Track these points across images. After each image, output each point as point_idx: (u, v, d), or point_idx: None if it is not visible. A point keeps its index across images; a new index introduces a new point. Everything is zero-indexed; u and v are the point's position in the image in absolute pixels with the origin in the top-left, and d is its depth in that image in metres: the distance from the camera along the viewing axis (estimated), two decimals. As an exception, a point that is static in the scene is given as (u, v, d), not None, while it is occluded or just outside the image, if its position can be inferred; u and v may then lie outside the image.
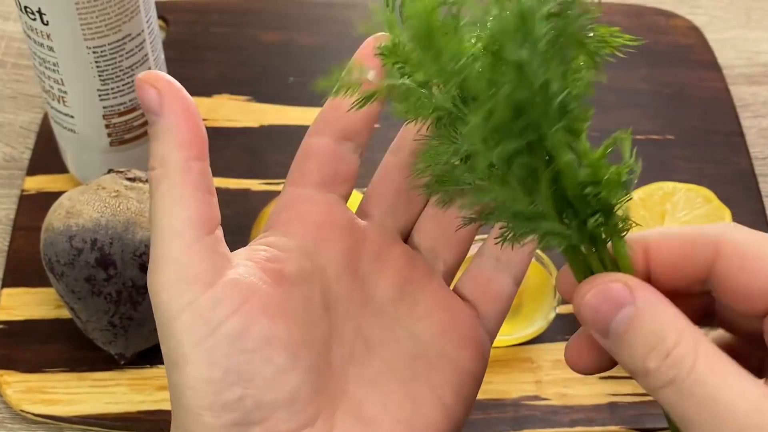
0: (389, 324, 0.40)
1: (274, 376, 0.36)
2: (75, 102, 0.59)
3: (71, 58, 0.57)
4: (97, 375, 0.57)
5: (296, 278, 0.38)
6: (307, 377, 0.37)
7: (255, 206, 0.65)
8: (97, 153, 0.62)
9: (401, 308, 0.41)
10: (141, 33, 0.58)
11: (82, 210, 0.54)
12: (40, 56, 0.58)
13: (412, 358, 0.40)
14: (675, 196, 0.59)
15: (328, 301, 0.39)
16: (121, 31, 0.57)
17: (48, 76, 0.58)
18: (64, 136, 0.63)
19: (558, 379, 0.58)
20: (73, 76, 0.58)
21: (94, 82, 0.58)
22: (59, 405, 0.56)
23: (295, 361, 0.37)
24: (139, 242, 0.53)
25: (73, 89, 0.59)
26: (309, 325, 0.38)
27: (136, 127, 0.62)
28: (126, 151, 0.62)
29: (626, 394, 0.57)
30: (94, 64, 0.57)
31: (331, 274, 0.39)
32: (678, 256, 0.35)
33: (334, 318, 0.39)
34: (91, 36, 0.56)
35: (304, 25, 0.78)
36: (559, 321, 0.60)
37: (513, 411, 0.57)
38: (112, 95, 0.59)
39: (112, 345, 0.56)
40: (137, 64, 0.59)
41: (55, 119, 0.62)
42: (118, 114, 0.60)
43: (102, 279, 0.53)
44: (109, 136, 0.61)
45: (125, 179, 0.56)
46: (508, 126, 0.32)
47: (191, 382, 0.35)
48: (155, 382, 0.57)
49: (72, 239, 0.53)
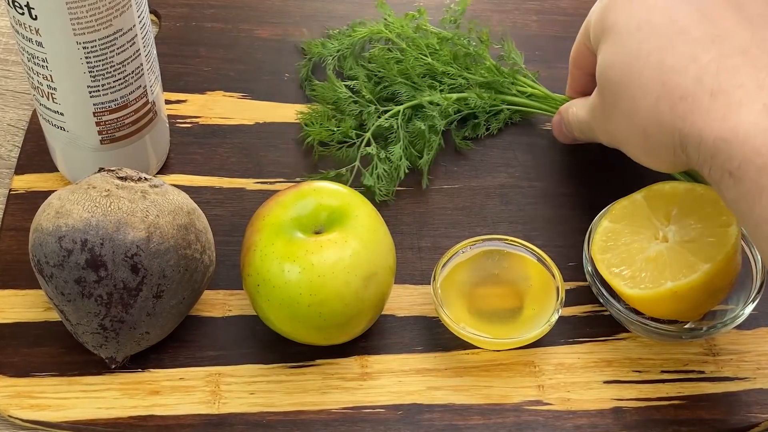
0: None
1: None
2: (64, 99, 0.59)
3: (60, 54, 0.57)
4: (88, 379, 0.57)
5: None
6: None
7: (250, 206, 0.65)
8: (87, 151, 0.62)
9: None
10: (132, 28, 0.58)
11: (71, 210, 0.54)
12: (28, 52, 0.58)
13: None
14: (680, 196, 0.59)
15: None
16: (112, 25, 0.57)
17: (37, 72, 0.58)
18: (53, 134, 0.63)
19: (561, 383, 0.58)
20: (63, 73, 0.58)
21: (84, 78, 0.58)
22: (48, 410, 0.56)
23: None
24: (131, 243, 0.53)
25: (63, 86, 0.58)
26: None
27: (127, 124, 0.61)
28: (117, 149, 0.62)
29: (631, 399, 0.57)
30: (84, 59, 0.57)
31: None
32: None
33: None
34: (81, 31, 0.56)
35: (300, 21, 0.78)
36: (562, 324, 0.60)
37: (514, 416, 0.57)
38: (103, 92, 0.59)
39: (102, 348, 0.56)
40: (129, 60, 0.59)
41: (44, 116, 0.61)
42: (108, 111, 0.60)
43: (92, 281, 0.53)
44: (99, 134, 0.61)
45: (116, 178, 0.56)
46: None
47: None
48: (147, 387, 0.57)
49: (61, 240, 0.53)
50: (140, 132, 0.63)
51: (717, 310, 0.59)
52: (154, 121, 0.63)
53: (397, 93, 0.69)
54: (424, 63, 0.70)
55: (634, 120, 0.56)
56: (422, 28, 0.72)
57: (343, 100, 0.69)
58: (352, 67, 0.72)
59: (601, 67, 0.58)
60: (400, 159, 0.66)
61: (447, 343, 0.59)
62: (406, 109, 0.68)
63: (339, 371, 0.58)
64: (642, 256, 0.58)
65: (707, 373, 0.59)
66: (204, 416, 0.56)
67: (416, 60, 0.70)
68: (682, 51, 0.53)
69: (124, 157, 0.63)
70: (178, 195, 0.57)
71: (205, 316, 0.60)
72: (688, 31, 0.53)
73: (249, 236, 0.56)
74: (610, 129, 0.59)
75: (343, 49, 0.73)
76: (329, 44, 0.73)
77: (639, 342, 0.60)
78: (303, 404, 0.57)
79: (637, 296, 0.57)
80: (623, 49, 0.56)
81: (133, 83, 0.60)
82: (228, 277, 0.62)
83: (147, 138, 0.63)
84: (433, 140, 0.67)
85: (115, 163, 0.58)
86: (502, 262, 0.61)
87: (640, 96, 0.54)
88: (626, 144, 0.58)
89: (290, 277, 0.53)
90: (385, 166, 0.66)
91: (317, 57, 0.73)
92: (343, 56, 0.73)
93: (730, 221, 0.57)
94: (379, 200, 0.65)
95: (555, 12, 0.79)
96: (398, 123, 0.67)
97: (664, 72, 0.53)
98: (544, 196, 0.67)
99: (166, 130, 0.66)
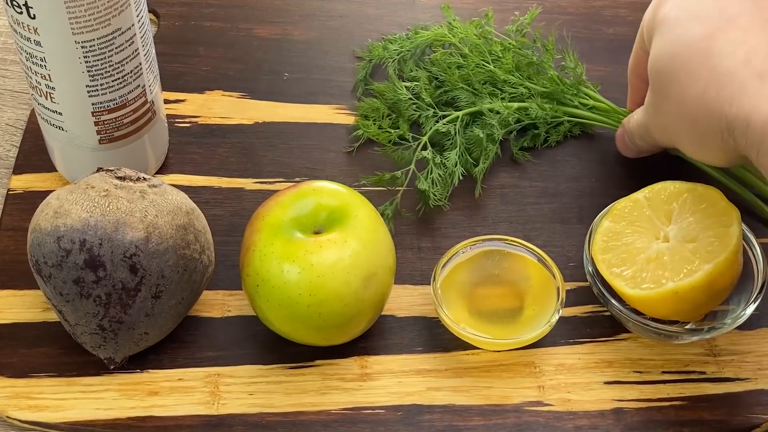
0: None
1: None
2: (63, 98, 0.59)
3: (59, 53, 0.57)
4: (86, 380, 0.57)
5: None
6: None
7: (249, 206, 0.65)
8: (86, 151, 0.62)
9: None
10: (131, 27, 0.58)
11: (70, 210, 0.54)
12: (26, 51, 0.58)
13: None
14: (682, 195, 0.59)
15: None
16: (111, 25, 0.57)
17: (35, 72, 0.58)
18: (51, 134, 0.63)
19: (561, 384, 0.58)
20: (61, 72, 0.58)
21: (83, 77, 0.58)
22: (47, 411, 0.56)
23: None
24: (129, 243, 0.53)
25: (61, 85, 0.59)
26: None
27: (126, 124, 0.62)
28: (116, 149, 0.62)
29: (632, 399, 0.57)
30: (83, 59, 0.57)
31: None
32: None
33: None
34: (79, 30, 0.56)
35: (299, 19, 0.78)
36: (563, 324, 0.60)
37: (515, 417, 0.57)
38: (102, 91, 0.59)
39: (101, 349, 0.56)
40: (127, 59, 0.59)
41: (43, 116, 0.62)
42: (107, 111, 0.60)
43: (91, 281, 0.53)
44: (98, 134, 0.61)
45: (115, 178, 0.56)
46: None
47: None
48: (146, 388, 0.57)
49: (60, 240, 0.53)
50: (139, 132, 0.63)
51: (718, 311, 0.59)
52: (153, 120, 0.63)
53: (456, 98, 0.69)
54: (486, 70, 0.70)
55: (683, 109, 0.56)
56: (485, 37, 0.72)
57: (402, 102, 0.69)
58: (412, 69, 0.72)
59: (651, 60, 0.58)
60: (455, 165, 0.66)
61: (447, 343, 0.60)
62: (465, 115, 0.68)
63: (338, 372, 0.58)
64: (643, 257, 0.58)
65: (708, 373, 0.59)
66: (203, 417, 0.56)
67: (478, 67, 0.69)
68: (730, 36, 0.53)
69: (122, 157, 0.63)
70: (177, 195, 0.57)
71: (204, 317, 0.60)
72: (737, 19, 0.54)
73: (248, 236, 0.56)
74: (662, 122, 0.59)
75: (404, 52, 0.73)
76: (391, 46, 0.73)
77: (640, 342, 0.60)
78: (302, 405, 0.57)
79: (638, 296, 0.57)
80: (672, 39, 0.56)
81: (132, 83, 0.60)
82: (227, 277, 0.62)
83: (146, 138, 0.63)
84: (490, 149, 0.67)
85: (114, 163, 0.58)
86: (503, 263, 0.61)
87: (688, 83, 0.55)
88: (677, 136, 0.59)
89: (290, 277, 0.54)
90: (440, 171, 0.66)
91: (377, 59, 0.73)
92: (404, 59, 0.73)
93: (731, 221, 0.57)
94: (433, 204, 0.65)
95: (555, 11, 0.79)
96: (456, 128, 0.67)
97: (711, 56, 0.53)
98: (544, 195, 0.67)
99: (165, 130, 0.67)
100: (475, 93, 0.69)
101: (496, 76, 0.69)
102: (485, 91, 0.69)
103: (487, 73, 0.70)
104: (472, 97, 0.69)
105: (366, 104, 0.70)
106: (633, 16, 0.79)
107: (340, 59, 0.75)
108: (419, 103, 0.69)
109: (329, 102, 0.72)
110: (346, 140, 0.69)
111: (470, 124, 0.68)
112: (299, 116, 0.70)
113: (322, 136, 0.69)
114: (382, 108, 0.69)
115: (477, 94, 0.69)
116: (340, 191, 0.57)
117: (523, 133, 0.70)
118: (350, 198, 0.57)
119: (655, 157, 0.68)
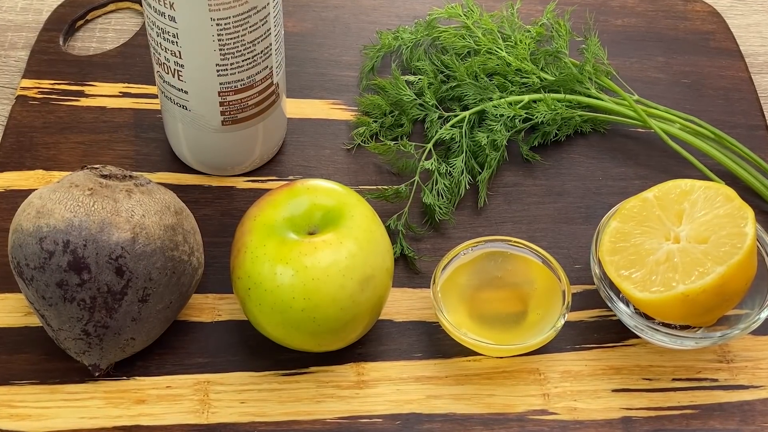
0: None
1: None
2: (191, 77, 0.60)
3: (193, 30, 0.58)
4: (70, 387, 0.57)
5: None
6: None
7: (240, 205, 0.65)
8: (207, 132, 0.63)
9: None
10: (266, 6, 0.59)
11: (53, 209, 0.54)
12: (158, 26, 0.58)
13: None
14: (693, 194, 0.59)
15: None
16: (248, 3, 0.57)
17: (165, 48, 0.59)
18: (173, 113, 0.63)
19: (567, 391, 0.58)
20: (193, 49, 0.59)
21: (214, 56, 0.59)
22: (29, 420, 0.56)
23: None
24: (115, 244, 0.53)
25: (191, 63, 0.59)
26: None
27: (251, 106, 0.62)
28: (237, 131, 0.63)
29: (641, 408, 0.57)
30: (216, 36, 0.58)
31: None
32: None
33: None
34: (216, 7, 0.57)
35: (292, 10, 0.78)
36: (568, 329, 0.60)
37: (518, 426, 0.57)
38: (231, 71, 0.60)
39: (85, 355, 0.56)
40: (259, 39, 0.60)
41: (166, 94, 0.62)
42: (234, 91, 0.61)
43: (75, 284, 0.53)
44: (221, 115, 0.62)
45: (100, 176, 0.56)
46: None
47: None
48: (133, 395, 0.57)
49: (42, 241, 0.53)
50: (262, 114, 0.63)
51: (731, 315, 0.59)
52: (276, 104, 0.64)
53: (464, 94, 0.69)
54: (498, 57, 0.69)
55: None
56: (503, 23, 0.72)
57: (406, 102, 0.69)
58: (420, 58, 0.72)
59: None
60: (462, 173, 0.66)
61: (447, 349, 0.60)
62: (471, 115, 0.68)
63: (334, 379, 0.58)
64: (652, 258, 0.58)
65: (721, 380, 0.59)
66: (192, 426, 0.56)
67: (489, 52, 0.69)
68: None
69: (240, 140, 0.64)
70: (164, 194, 0.57)
71: (194, 321, 0.60)
72: None
73: (239, 237, 0.56)
74: None
75: (418, 38, 0.73)
76: (404, 35, 0.73)
77: (649, 348, 0.60)
78: (296, 414, 0.57)
79: (647, 300, 0.57)
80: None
81: (261, 63, 0.61)
82: (217, 280, 0.62)
83: (267, 121, 0.64)
84: (492, 157, 0.66)
85: (234, 146, 0.58)
86: (506, 265, 0.61)
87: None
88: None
89: (283, 280, 0.53)
90: (445, 182, 0.65)
91: (387, 49, 0.73)
92: (414, 47, 0.73)
93: (745, 221, 0.57)
94: (439, 219, 0.65)
95: (563, 2, 0.79)
96: (462, 132, 0.67)
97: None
98: (549, 195, 0.67)
99: (284, 115, 0.67)
100: (482, 88, 0.69)
101: (506, 65, 0.69)
102: (492, 85, 0.69)
103: (497, 62, 0.69)
104: (480, 93, 0.68)
105: (367, 100, 0.70)
106: (642, 6, 0.79)
107: (335, 52, 0.75)
108: (424, 103, 0.69)
109: (324, 97, 0.72)
110: (342, 137, 0.69)
111: (478, 123, 0.68)
112: (292, 111, 0.70)
113: (316, 133, 0.69)
114: (384, 104, 0.69)
115: (485, 89, 0.69)
116: (336, 190, 0.57)
117: (532, 131, 0.69)
118: (346, 197, 0.57)
119: (666, 154, 0.68)
